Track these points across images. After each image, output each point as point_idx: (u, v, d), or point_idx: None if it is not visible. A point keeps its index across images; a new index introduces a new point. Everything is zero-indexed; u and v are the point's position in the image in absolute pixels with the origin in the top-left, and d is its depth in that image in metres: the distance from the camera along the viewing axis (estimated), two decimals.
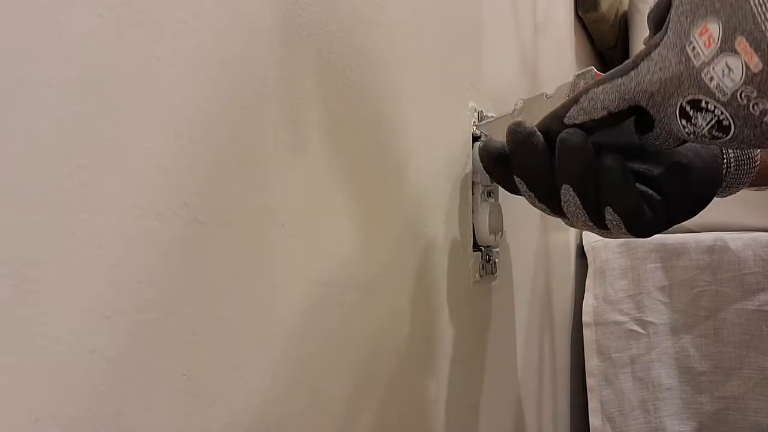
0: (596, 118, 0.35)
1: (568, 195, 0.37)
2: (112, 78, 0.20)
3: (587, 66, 0.47)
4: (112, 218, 0.20)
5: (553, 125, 0.37)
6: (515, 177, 0.38)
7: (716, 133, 0.32)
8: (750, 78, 0.29)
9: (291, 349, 0.28)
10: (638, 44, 0.93)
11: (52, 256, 0.18)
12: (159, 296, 0.21)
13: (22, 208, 0.17)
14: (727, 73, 0.30)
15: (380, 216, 0.36)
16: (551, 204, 0.38)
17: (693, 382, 0.76)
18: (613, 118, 0.35)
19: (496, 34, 0.55)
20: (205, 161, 0.23)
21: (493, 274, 0.51)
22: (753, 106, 0.30)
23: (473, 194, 0.48)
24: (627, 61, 0.35)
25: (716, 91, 0.30)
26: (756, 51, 0.28)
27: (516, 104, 0.41)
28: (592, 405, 0.79)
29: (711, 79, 0.30)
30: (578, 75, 0.38)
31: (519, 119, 0.40)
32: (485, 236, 0.48)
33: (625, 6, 1.02)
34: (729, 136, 0.31)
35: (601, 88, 0.35)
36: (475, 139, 0.48)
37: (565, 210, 0.38)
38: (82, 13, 0.19)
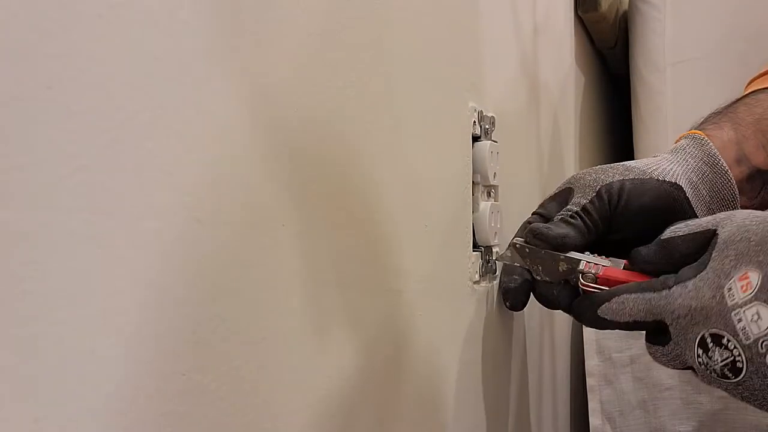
0: (621, 321, 0.38)
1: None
2: (112, 78, 0.20)
3: (587, 66, 0.49)
4: (112, 218, 0.20)
5: (586, 311, 0.40)
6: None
7: (728, 373, 0.34)
8: None
9: (290, 350, 0.28)
10: (638, 44, 0.93)
11: (52, 256, 0.18)
12: (159, 296, 0.21)
13: (22, 208, 0.17)
14: (756, 320, 0.32)
15: (380, 216, 0.36)
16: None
17: (693, 382, 0.76)
18: (637, 326, 0.38)
19: (496, 34, 0.55)
20: (205, 161, 0.23)
21: (493, 273, 0.51)
22: None
23: (473, 194, 0.48)
24: (661, 278, 0.38)
25: (741, 333, 0.32)
26: None
27: (528, 237, 0.44)
28: (592, 405, 0.78)
29: (739, 320, 0.33)
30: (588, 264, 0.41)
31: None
32: (485, 236, 0.48)
33: (625, 6, 1.02)
34: (737, 379, 0.33)
35: (633, 296, 0.38)
36: (475, 139, 0.48)
37: None
38: (82, 13, 0.19)
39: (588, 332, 0.79)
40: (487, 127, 0.50)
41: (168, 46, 0.22)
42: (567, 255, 0.41)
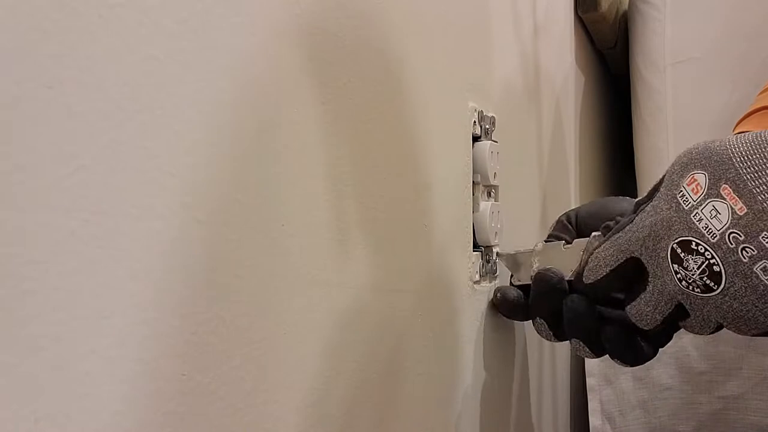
0: (602, 276, 0.38)
1: (576, 344, 0.44)
2: (112, 78, 0.20)
3: (587, 66, 0.50)
4: (112, 218, 0.20)
5: (575, 282, 0.41)
6: (537, 318, 0.46)
7: (708, 281, 0.33)
8: (736, 221, 0.32)
9: (290, 349, 0.28)
10: (638, 44, 0.93)
11: (52, 256, 0.18)
12: (159, 296, 0.21)
13: (22, 208, 0.17)
14: (715, 215, 0.32)
15: (380, 216, 0.36)
16: (560, 337, 0.46)
17: (693, 381, 0.76)
18: (617, 278, 0.38)
19: (496, 34, 0.55)
20: (205, 161, 0.23)
21: (493, 274, 0.51)
22: (742, 251, 0.32)
23: (473, 194, 0.48)
24: (624, 219, 0.38)
25: (705, 232, 0.33)
26: (739, 197, 0.31)
27: (536, 246, 0.47)
28: (592, 405, 0.78)
29: (700, 220, 0.33)
30: (595, 236, 0.41)
31: (537, 262, 0.46)
32: (485, 236, 0.48)
33: (625, 6, 1.02)
34: (722, 288, 0.33)
35: (602, 246, 0.38)
36: (475, 139, 0.48)
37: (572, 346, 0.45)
38: (83, 13, 0.19)
39: None
40: (487, 127, 0.50)
41: (168, 46, 0.22)
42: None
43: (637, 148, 0.94)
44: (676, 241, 0.34)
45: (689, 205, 0.33)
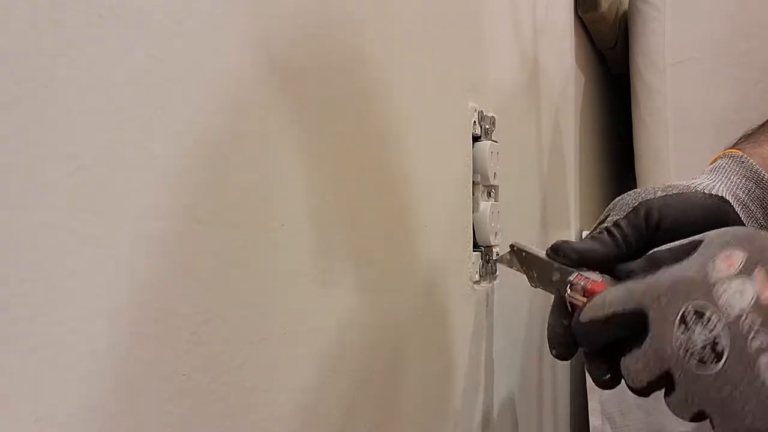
0: (600, 316, 0.36)
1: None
2: (112, 78, 0.20)
3: (587, 66, 0.48)
4: (112, 218, 0.20)
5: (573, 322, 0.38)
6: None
7: (707, 356, 0.32)
8: (758, 306, 0.30)
9: (290, 349, 0.28)
10: (638, 44, 0.93)
11: (52, 256, 0.18)
12: (159, 296, 0.21)
13: (22, 208, 0.17)
14: (739, 294, 0.31)
15: (380, 216, 0.36)
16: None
17: None
18: (615, 324, 0.36)
19: (496, 34, 0.55)
20: (205, 161, 0.23)
21: (493, 273, 0.51)
22: (752, 339, 0.31)
23: (473, 194, 0.48)
24: (632, 270, 0.36)
25: (723, 307, 0.31)
26: None
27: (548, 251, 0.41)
28: (592, 405, 0.78)
29: (723, 293, 0.32)
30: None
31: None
32: (485, 236, 0.48)
33: (625, 6, 1.02)
34: (718, 367, 0.31)
35: (614, 289, 0.36)
36: (475, 139, 0.48)
37: None
38: (82, 13, 0.19)
39: None
40: (487, 127, 0.50)
41: (168, 46, 0.22)
42: (560, 264, 0.39)
43: (637, 148, 0.94)
44: (691, 305, 0.33)
45: (717, 276, 0.32)
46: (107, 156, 0.20)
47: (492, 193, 0.51)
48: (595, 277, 0.37)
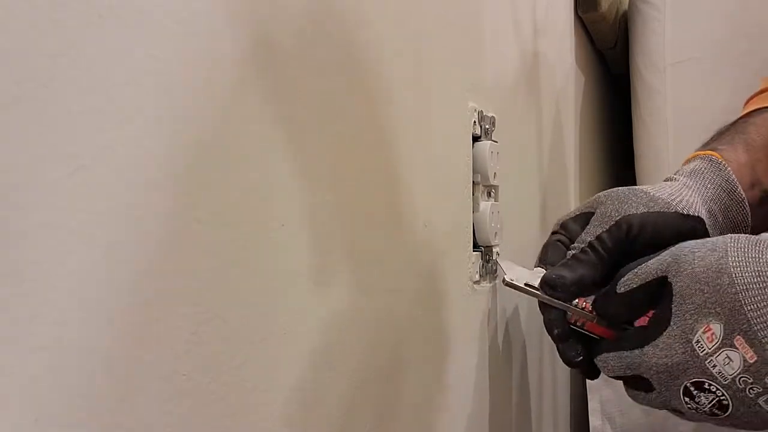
0: (609, 375, 0.41)
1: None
2: (112, 78, 0.20)
3: (587, 66, 0.49)
4: (112, 218, 0.20)
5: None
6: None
7: (716, 411, 0.37)
8: (747, 367, 0.35)
9: (290, 349, 0.28)
10: (638, 44, 0.93)
11: (52, 256, 0.18)
12: (159, 296, 0.21)
13: (22, 208, 0.17)
14: (728, 363, 0.36)
15: (380, 216, 0.36)
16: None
17: None
18: (623, 378, 0.41)
19: (496, 34, 0.55)
20: (205, 161, 0.23)
21: (493, 273, 0.51)
22: (749, 390, 0.36)
23: (473, 194, 0.48)
24: (631, 334, 0.40)
25: (719, 377, 0.36)
26: (750, 347, 0.35)
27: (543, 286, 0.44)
28: (592, 405, 0.78)
29: (714, 366, 0.36)
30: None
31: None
32: (485, 236, 0.48)
33: (625, 6, 1.02)
34: (726, 414, 0.37)
35: (611, 355, 0.40)
36: (475, 139, 0.48)
37: None
38: (82, 13, 0.19)
39: None
40: (487, 127, 0.50)
41: (168, 46, 0.22)
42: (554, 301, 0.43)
43: (637, 148, 0.94)
44: (691, 381, 0.37)
45: (704, 353, 0.36)
46: (107, 156, 0.20)
47: (492, 193, 0.51)
48: (586, 314, 0.42)
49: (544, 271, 0.42)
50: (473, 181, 0.48)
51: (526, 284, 0.43)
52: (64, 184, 0.18)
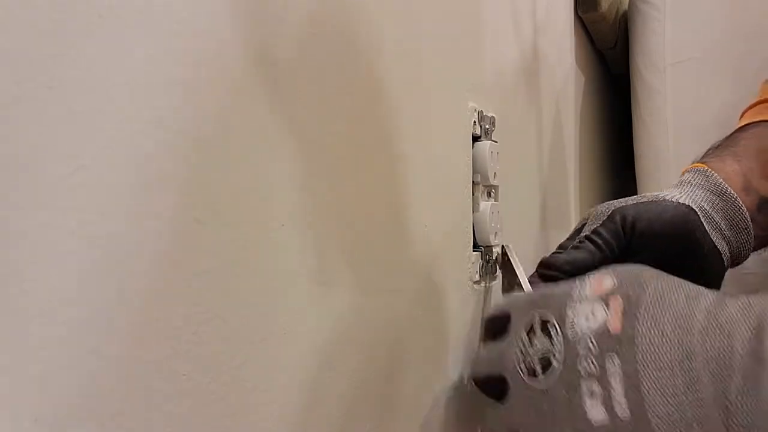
0: (487, 317, 0.40)
1: None
2: (112, 78, 0.20)
3: (587, 66, 0.51)
4: (112, 218, 0.20)
5: None
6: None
7: (538, 367, 0.32)
8: (602, 333, 0.30)
9: (290, 349, 0.28)
10: (638, 44, 0.93)
11: (52, 256, 0.18)
12: (159, 296, 0.21)
13: (22, 208, 0.17)
14: (588, 317, 0.31)
15: (379, 216, 0.36)
16: None
17: None
18: (489, 323, 0.39)
19: (496, 34, 0.55)
20: (205, 161, 0.23)
21: (493, 273, 0.51)
22: (583, 363, 0.30)
23: (473, 194, 0.48)
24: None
25: (569, 325, 0.32)
26: (624, 318, 0.30)
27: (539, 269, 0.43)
28: None
29: (572, 311, 0.32)
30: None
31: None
32: (485, 236, 0.48)
33: (625, 6, 1.02)
34: (544, 382, 0.32)
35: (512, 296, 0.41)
36: (475, 139, 0.48)
37: None
38: (82, 13, 0.19)
39: None
40: (487, 127, 0.50)
41: (168, 46, 0.22)
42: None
43: (637, 148, 0.94)
44: (541, 315, 0.33)
45: (576, 295, 0.33)
46: (107, 156, 0.20)
47: (492, 193, 0.51)
48: None
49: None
50: (473, 181, 0.48)
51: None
52: (64, 184, 0.18)
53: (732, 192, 0.45)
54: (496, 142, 0.50)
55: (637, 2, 0.93)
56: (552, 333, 0.32)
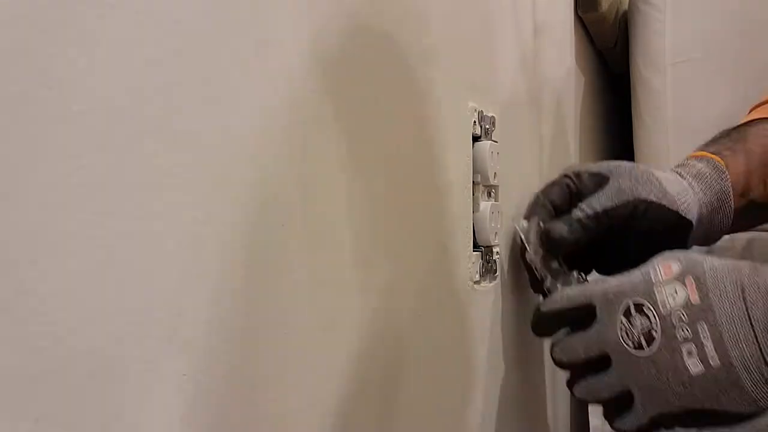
0: (554, 309, 0.45)
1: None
2: (111, 78, 0.20)
3: (587, 66, 0.55)
4: (112, 219, 0.20)
5: (536, 308, 0.48)
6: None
7: (643, 342, 0.40)
8: (687, 305, 0.39)
9: (290, 349, 0.28)
10: (638, 44, 0.93)
11: (52, 256, 0.18)
12: (158, 296, 0.21)
13: (23, 208, 0.17)
14: (673, 295, 0.39)
15: (379, 216, 0.36)
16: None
17: None
18: (566, 316, 0.45)
19: (496, 34, 0.55)
20: (204, 161, 0.23)
21: (493, 273, 0.51)
22: (679, 331, 0.39)
23: (473, 194, 0.48)
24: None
25: (660, 303, 0.40)
26: (698, 290, 0.39)
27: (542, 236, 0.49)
28: (592, 405, 0.78)
29: (660, 293, 0.40)
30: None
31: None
32: (485, 236, 0.48)
33: (625, 6, 1.02)
34: (650, 349, 0.39)
35: (572, 287, 0.45)
36: (475, 139, 0.48)
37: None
38: (83, 14, 0.19)
39: None
40: (487, 127, 0.50)
41: (168, 47, 0.22)
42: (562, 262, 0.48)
43: (637, 148, 0.94)
44: (634, 300, 0.40)
45: (657, 280, 0.41)
46: (107, 156, 0.20)
47: (492, 193, 0.51)
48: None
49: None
50: (473, 181, 0.48)
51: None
52: (64, 184, 0.18)
53: (731, 203, 0.51)
54: (496, 142, 0.50)
55: (638, 2, 0.93)
56: (648, 314, 0.40)
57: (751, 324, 0.37)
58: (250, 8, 0.26)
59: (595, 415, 0.78)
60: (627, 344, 0.40)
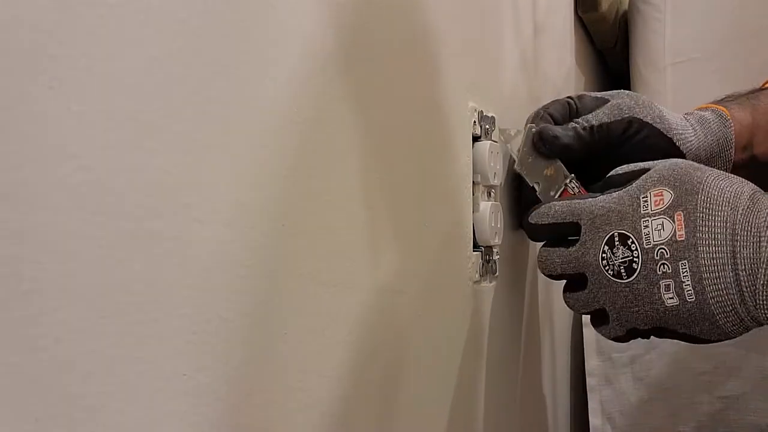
0: (543, 222, 0.45)
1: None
2: (112, 78, 0.20)
3: (587, 66, 0.55)
4: (111, 219, 0.20)
5: (526, 216, 0.47)
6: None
7: (623, 272, 0.40)
8: (672, 241, 0.39)
9: (291, 350, 0.28)
10: (638, 44, 0.93)
11: (52, 256, 0.18)
12: (158, 296, 0.21)
13: (22, 208, 0.17)
14: (660, 230, 0.39)
15: (379, 216, 0.36)
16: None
17: (693, 382, 0.76)
18: (554, 230, 0.45)
19: (497, 34, 0.55)
20: (204, 161, 0.23)
21: (493, 273, 0.51)
22: (660, 265, 0.39)
23: (473, 194, 0.48)
24: (589, 193, 0.45)
25: (644, 237, 0.39)
26: (685, 227, 0.38)
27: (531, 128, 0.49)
28: (592, 405, 0.78)
29: (646, 227, 0.40)
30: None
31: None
32: (485, 236, 0.48)
33: (625, 6, 1.02)
34: (629, 279, 0.40)
35: (560, 202, 0.44)
36: (475, 139, 0.48)
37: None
38: (83, 13, 0.19)
39: (588, 332, 0.80)
40: (487, 127, 0.50)
41: (168, 46, 0.22)
42: (560, 164, 0.47)
43: None
44: (619, 231, 0.40)
45: (645, 212, 0.40)
46: (107, 156, 0.20)
47: (492, 193, 0.51)
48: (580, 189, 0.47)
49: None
50: (473, 181, 0.48)
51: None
52: (64, 184, 0.18)
53: (732, 153, 0.50)
54: (496, 142, 0.50)
55: (638, 2, 0.93)
56: (632, 246, 0.40)
57: (734, 265, 0.37)
58: (251, 8, 0.26)
59: (595, 415, 0.78)
60: (606, 271, 0.41)
